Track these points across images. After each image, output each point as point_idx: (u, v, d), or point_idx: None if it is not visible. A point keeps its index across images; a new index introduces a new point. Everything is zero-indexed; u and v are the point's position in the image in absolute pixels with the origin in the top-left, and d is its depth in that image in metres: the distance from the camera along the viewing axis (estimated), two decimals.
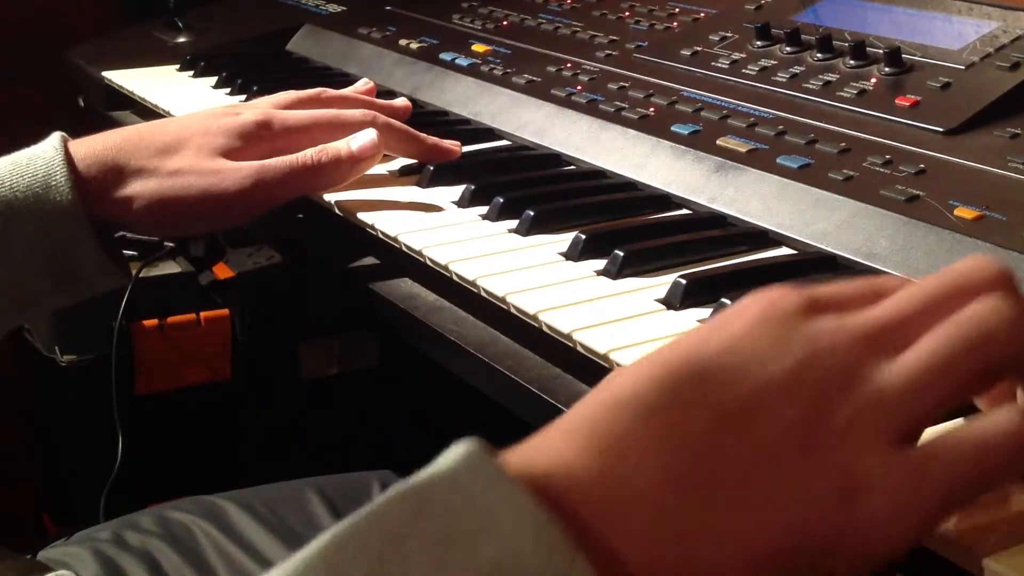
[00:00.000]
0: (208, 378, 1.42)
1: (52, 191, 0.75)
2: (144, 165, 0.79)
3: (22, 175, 0.75)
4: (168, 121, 0.87)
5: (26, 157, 0.76)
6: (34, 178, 0.75)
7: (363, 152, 0.82)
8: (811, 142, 0.79)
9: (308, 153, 0.81)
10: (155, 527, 0.90)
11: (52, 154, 0.76)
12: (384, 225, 0.78)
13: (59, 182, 0.75)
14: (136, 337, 1.36)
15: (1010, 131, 0.75)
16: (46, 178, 0.75)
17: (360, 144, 0.82)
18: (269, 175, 0.80)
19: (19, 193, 0.74)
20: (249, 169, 0.80)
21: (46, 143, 0.77)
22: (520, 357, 0.66)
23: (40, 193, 0.74)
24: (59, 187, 0.75)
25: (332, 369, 1.48)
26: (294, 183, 0.81)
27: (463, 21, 1.21)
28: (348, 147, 0.82)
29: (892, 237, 0.68)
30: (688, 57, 0.97)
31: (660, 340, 0.60)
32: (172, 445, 1.43)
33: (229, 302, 1.42)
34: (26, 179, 0.75)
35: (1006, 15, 0.86)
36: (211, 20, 1.41)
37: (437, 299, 0.74)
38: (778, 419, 0.39)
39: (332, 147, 0.82)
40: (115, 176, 0.78)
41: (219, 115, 0.84)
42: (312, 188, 0.83)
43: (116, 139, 0.80)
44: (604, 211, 0.79)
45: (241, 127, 0.82)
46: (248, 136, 0.82)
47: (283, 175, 0.80)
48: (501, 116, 0.99)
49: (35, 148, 0.77)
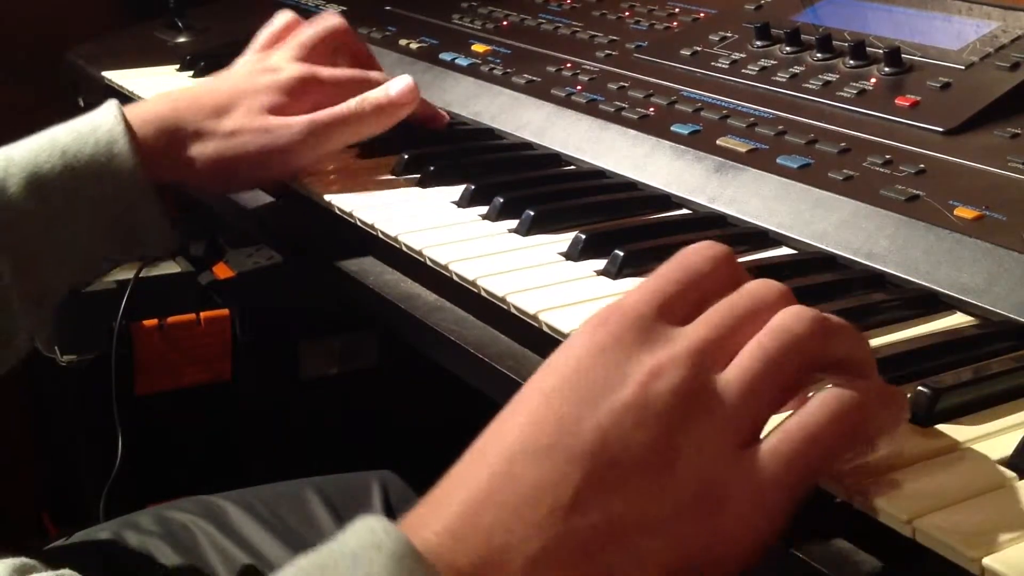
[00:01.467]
0: (208, 378, 1.42)
1: (116, 159, 0.78)
2: (201, 127, 0.83)
3: (85, 143, 0.78)
4: (215, 81, 0.90)
5: (88, 125, 0.79)
6: (97, 146, 0.78)
7: (402, 97, 0.86)
8: (811, 142, 0.79)
9: (352, 103, 0.85)
10: (155, 527, 0.90)
11: (113, 122, 0.79)
12: (384, 225, 0.78)
13: (122, 149, 0.78)
14: (136, 337, 1.36)
15: (1010, 131, 0.75)
16: (109, 145, 0.78)
17: (399, 89, 0.86)
18: (320, 127, 0.84)
19: (83, 160, 0.78)
20: (300, 124, 0.84)
21: (104, 110, 0.80)
22: (520, 357, 0.66)
23: (104, 162, 0.78)
24: (123, 155, 0.78)
25: (332, 369, 1.48)
26: (342, 132, 0.85)
27: (463, 21, 1.21)
28: (387, 93, 0.86)
29: (892, 237, 0.68)
30: (688, 57, 0.97)
31: None
32: (172, 445, 1.43)
33: (229, 302, 1.42)
34: (89, 147, 0.78)
35: (1006, 15, 0.86)
36: (211, 20, 1.41)
37: (437, 299, 0.74)
38: (630, 447, 0.42)
39: (372, 95, 0.86)
40: (174, 139, 0.82)
41: (260, 72, 0.88)
42: (359, 135, 0.87)
43: (170, 103, 0.84)
44: (604, 211, 0.79)
45: (286, 83, 0.86)
46: (292, 92, 0.86)
47: (332, 126, 0.84)
48: (501, 116, 0.99)
49: (94, 115, 0.80)
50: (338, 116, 0.85)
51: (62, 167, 0.77)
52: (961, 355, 0.57)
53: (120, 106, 0.81)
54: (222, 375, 1.43)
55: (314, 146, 0.84)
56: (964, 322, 0.62)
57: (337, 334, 1.47)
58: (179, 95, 0.86)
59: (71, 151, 0.78)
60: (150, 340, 1.37)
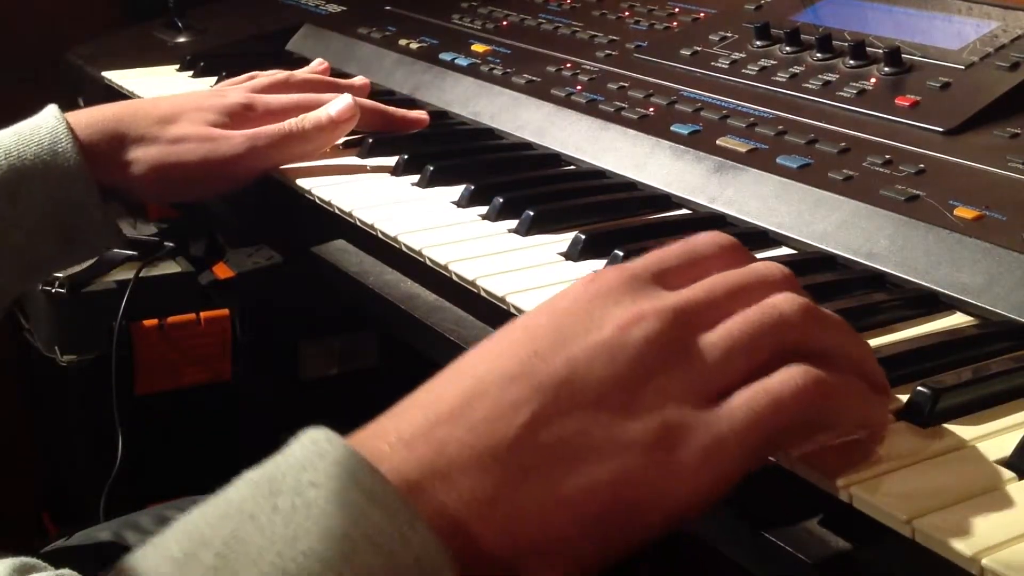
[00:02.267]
0: (208, 378, 1.42)
1: (59, 157, 0.79)
2: (145, 133, 0.85)
3: (28, 144, 0.79)
4: (160, 97, 0.94)
5: (29, 127, 0.80)
6: (40, 146, 0.79)
7: (341, 115, 0.88)
8: (811, 142, 0.79)
9: (292, 121, 0.88)
10: (155, 527, 0.90)
11: (54, 123, 0.81)
12: (384, 225, 0.78)
13: (65, 148, 0.79)
14: (136, 337, 1.36)
15: (1010, 131, 0.75)
16: (52, 145, 0.79)
17: (338, 108, 0.89)
18: (261, 141, 0.86)
19: (27, 161, 0.78)
20: (242, 136, 0.86)
21: (45, 113, 0.82)
22: None
23: (48, 160, 0.79)
24: (66, 153, 0.79)
25: (332, 369, 1.48)
26: (282, 149, 0.87)
27: (463, 21, 1.21)
28: (327, 113, 0.88)
29: (892, 237, 0.68)
30: (688, 57, 0.97)
31: None
32: (172, 445, 1.43)
33: (229, 302, 1.42)
34: (32, 147, 0.79)
35: (1006, 15, 0.86)
36: (211, 20, 1.41)
37: (437, 299, 0.74)
38: (594, 383, 0.43)
39: (312, 115, 0.88)
40: (118, 143, 0.84)
41: (207, 95, 0.91)
42: (299, 154, 0.89)
43: (114, 110, 0.86)
44: (604, 211, 0.79)
45: (229, 106, 0.89)
46: (234, 115, 0.88)
47: (272, 141, 0.86)
48: (501, 116, 0.99)
49: (35, 119, 0.81)
50: (279, 131, 0.87)
51: (7, 168, 0.78)
52: (961, 355, 0.57)
53: (59, 109, 0.82)
54: (222, 375, 1.43)
55: (254, 160, 0.86)
56: (964, 322, 0.62)
57: (337, 334, 1.47)
58: (122, 104, 0.89)
59: (14, 152, 0.78)
60: (150, 340, 1.37)
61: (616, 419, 0.43)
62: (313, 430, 0.42)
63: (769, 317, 0.46)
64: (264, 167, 0.88)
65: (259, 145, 0.86)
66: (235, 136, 0.86)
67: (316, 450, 0.40)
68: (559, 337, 0.44)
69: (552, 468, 0.42)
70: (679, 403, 0.43)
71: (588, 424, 0.42)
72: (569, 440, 0.42)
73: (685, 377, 0.44)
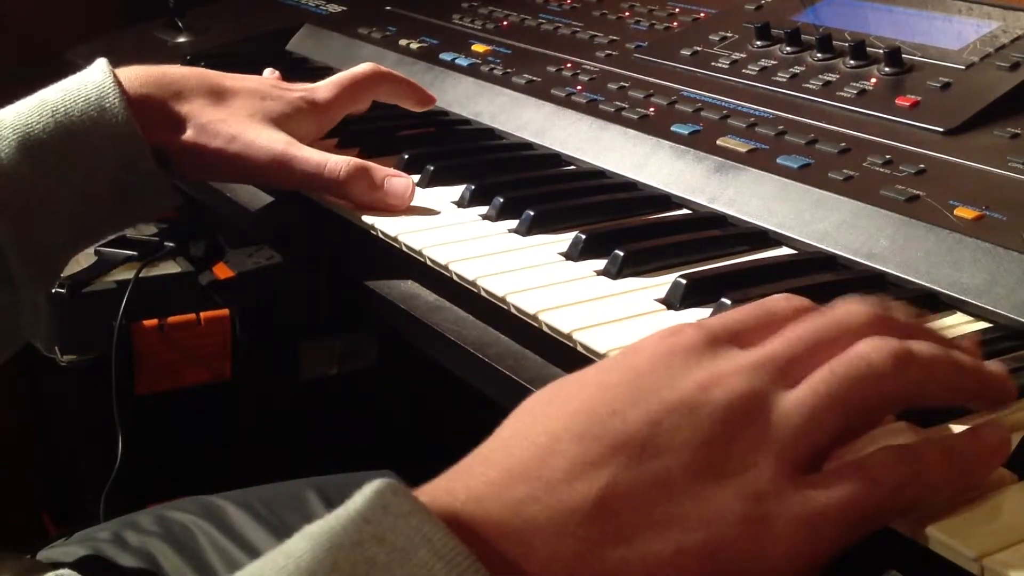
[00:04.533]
0: (208, 378, 1.42)
1: (107, 113, 0.77)
2: (191, 104, 0.81)
3: (75, 100, 0.77)
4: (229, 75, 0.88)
5: (76, 83, 0.78)
6: (88, 102, 0.77)
7: (393, 192, 0.80)
8: (811, 142, 0.79)
9: (340, 164, 0.80)
10: (155, 527, 0.90)
11: (101, 77, 0.78)
12: (384, 225, 0.78)
13: (113, 103, 0.77)
14: (136, 337, 1.35)
15: (1010, 131, 0.75)
16: (99, 100, 0.77)
17: (393, 188, 0.80)
18: (295, 165, 0.81)
19: (75, 118, 0.76)
20: (278, 154, 0.81)
21: (94, 68, 0.79)
22: (520, 357, 0.66)
23: (95, 116, 0.77)
24: (113, 108, 0.77)
25: (332, 369, 1.48)
26: (312, 182, 0.82)
27: (463, 21, 1.21)
28: (381, 181, 0.80)
29: (892, 237, 0.68)
30: (688, 57, 0.97)
31: None
32: (172, 445, 1.43)
33: (229, 302, 1.42)
34: (80, 103, 0.77)
35: (1006, 15, 0.86)
36: (211, 20, 1.41)
37: (437, 299, 0.74)
38: (677, 444, 0.40)
39: (364, 170, 0.81)
40: (163, 106, 0.81)
41: (274, 84, 0.88)
42: (328, 194, 0.83)
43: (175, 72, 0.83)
44: (604, 211, 0.79)
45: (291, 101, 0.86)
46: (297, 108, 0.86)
47: (306, 173, 0.81)
48: (501, 116, 0.99)
49: (83, 73, 0.79)
50: (315, 167, 0.81)
51: (54, 125, 0.76)
52: None
53: (109, 63, 0.80)
54: (222, 375, 1.42)
55: (281, 177, 0.82)
56: (964, 322, 0.62)
57: (337, 334, 1.47)
58: (183, 68, 0.85)
59: (61, 109, 0.76)
60: (150, 340, 1.37)
61: (702, 485, 0.40)
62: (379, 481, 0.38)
63: (856, 371, 0.42)
64: (291, 186, 0.84)
65: (292, 168, 0.81)
66: (274, 147, 0.81)
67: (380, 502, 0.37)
68: (637, 395, 0.42)
69: (636, 534, 0.39)
70: (765, 474, 0.40)
71: (672, 488, 0.40)
72: (654, 505, 0.39)
73: (770, 443, 0.41)
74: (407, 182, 0.81)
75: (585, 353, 0.60)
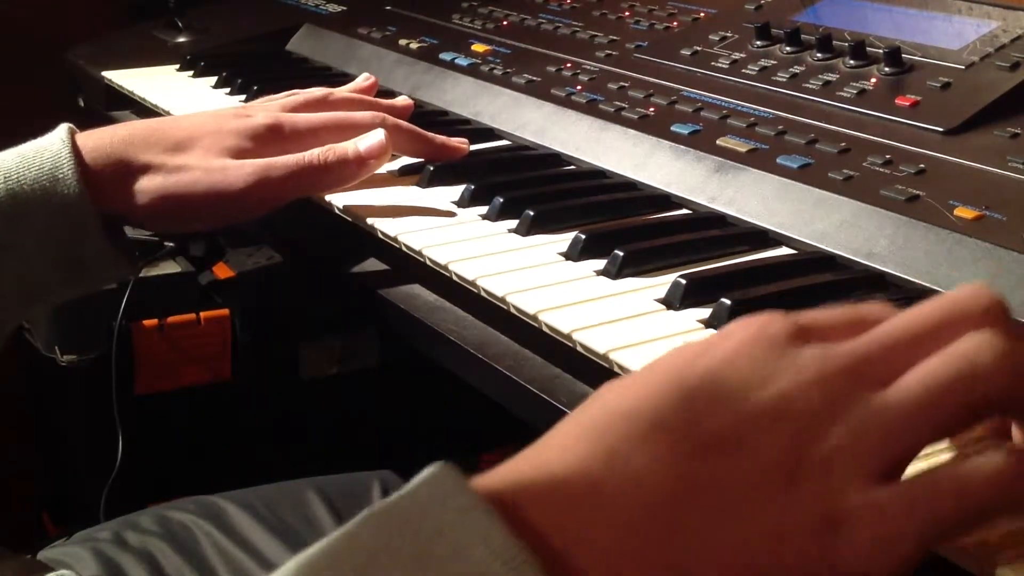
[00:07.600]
0: (208, 378, 1.42)
1: (59, 184, 0.74)
2: (151, 160, 0.79)
3: (29, 168, 0.75)
4: (180, 118, 0.87)
5: (33, 150, 0.76)
6: (41, 171, 0.75)
7: (371, 152, 0.82)
8: (811, 142, 0.79)
9: (315, 152, 0.81)
10: (155, 527, 0.90)
11: (59, 147, 0.76)
12: (384, 225, 0.78)
13: (66, 175, 0.75)
14: (136, 337, 1.35)
15: (1010, 131, 0.75)
16: (53, 171, 0.75)
17: (368, 144, 0.82)
18: (275, 173, 0.79)
19: (26, 186, 0.74)
20: (254, 167, 0.79)
21: (53, 135, 0.77)
22: (520, 357, 0.66)
23: (48, 186, 0.74)
24: (66, 180, 0.75)
25: (332, 369, 1.48)
26: (299, 181, 0.81)
27: (463, 21, 1.21)
28: (356, 147, 0.82)
29: (892, 237, 0.68)
30: (688, 57, 0.97)
31: (660, 340, 0.60)
32: (172, 445, 1.43)
33: (229, 302, 1.42)
34: (33, 172, 0.75)
35: (1006, 15, 0.86)
36: (211, 20, 1.41)
37: (437, 299, 0.74)
38: (762, 449, 0.38)
39: (339, 147, 0.81)
40: (122, 170, 0.78)
41: (231, 116, 0.84)
42: (318, 187, 0.83)
43: (125, 133, 0.80)
44: (604, 211, 0.79)
45: (252, 129, 0.82)
46: (259, 138, 0.82)
47: (288, 173, 0.80)
48: (501, 116, 0.99)
49: (42, 140, 0.77)
50: (297, 163, 0.80)
51: (4, 192, 0.74)
52: None
53: (72, 130, 0.78)
54: (222, 375, 1.42)
55: (269, 191, 0.80)
56: None
57: (337, 334, 1.47)
58: (140, 125, 0.83)
59: (14, 175, 0.74)
60: (150, 340, 1.37)
61: (777, 494, 0.38)
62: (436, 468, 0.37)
63: (957, 371, 0.39)
64: (279, 199, 0.81)
65: (273, 176, 0.79)
66: (246, 166, 0.79)
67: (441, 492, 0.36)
68: (718, 390, 0.40)
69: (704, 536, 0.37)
70: (847, 480, 0.38)
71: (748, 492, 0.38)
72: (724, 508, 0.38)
73: (854, 448, 0.38)
74: (377, 133, 0.82)
75: (585, 353, 0.60)
